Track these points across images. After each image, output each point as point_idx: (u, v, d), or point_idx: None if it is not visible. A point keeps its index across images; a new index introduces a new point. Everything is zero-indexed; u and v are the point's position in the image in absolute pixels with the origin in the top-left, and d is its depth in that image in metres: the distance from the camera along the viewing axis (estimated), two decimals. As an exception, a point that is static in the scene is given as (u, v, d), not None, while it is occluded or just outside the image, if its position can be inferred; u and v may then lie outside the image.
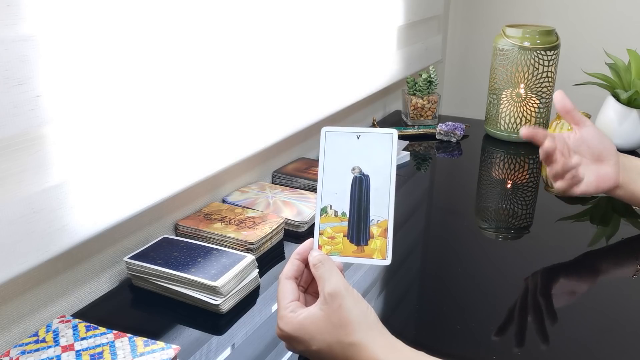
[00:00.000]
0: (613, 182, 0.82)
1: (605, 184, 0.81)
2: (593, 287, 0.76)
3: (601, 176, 0.81)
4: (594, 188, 0.81)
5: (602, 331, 0.65)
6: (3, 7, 0.53)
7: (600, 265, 0.81)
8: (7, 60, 0.54)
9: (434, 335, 0.66)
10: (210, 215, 0.87)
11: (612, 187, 0.82)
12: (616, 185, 0.82)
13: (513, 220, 0.95)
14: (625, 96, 1.17)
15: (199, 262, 0.72)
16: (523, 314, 0.69)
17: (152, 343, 0.60)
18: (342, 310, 0.53)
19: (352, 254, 0.59)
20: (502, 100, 1.27)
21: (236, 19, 0.85)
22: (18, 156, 0.59)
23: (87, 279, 0.74)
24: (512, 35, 1.23)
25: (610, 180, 0.81)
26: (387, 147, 0.59)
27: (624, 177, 0.82)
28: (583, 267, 0.80)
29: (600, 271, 0.80)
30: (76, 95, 0.62)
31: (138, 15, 0.68)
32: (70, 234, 0.64)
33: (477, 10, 1.86)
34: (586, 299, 0.72)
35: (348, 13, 1.18)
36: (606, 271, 0.81)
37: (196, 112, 0.82)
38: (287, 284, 0.58)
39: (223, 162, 0.87)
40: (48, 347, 0.59)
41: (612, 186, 0.82)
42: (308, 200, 0.94)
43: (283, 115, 1.01)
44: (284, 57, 1.00)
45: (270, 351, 0.63)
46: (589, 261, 0.82)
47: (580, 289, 0.76)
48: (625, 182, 0.82)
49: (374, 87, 1.36)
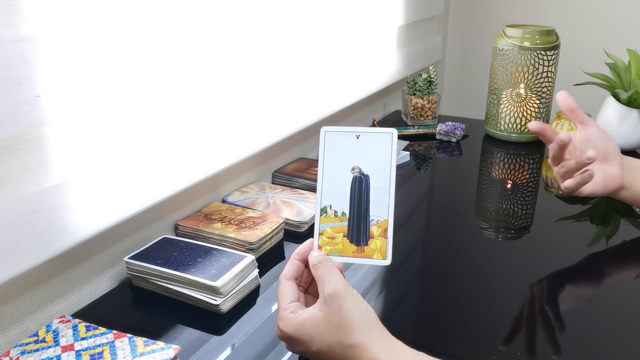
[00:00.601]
0: (619, 183, 0.81)
1: (612, 184, 0.81)
2: (594, 287, 0.76)
3: (608, 176, 0.81)
4: (602, 188, 0.81)
5: (603, 331, 0.65)
6: (3, 7, 0.53)
7: (602, 266, 0.81)
8: (7, 60, 0.54)
9: (434, 335, 0.66)
10: (210, 215, 0.87)
11: (618, 187, 0.82)
12: (622, 186, 0.82)
13: (513, 220, 0.95)
14: (625, 96, 1.17)
15: (199, 262, 0.72)
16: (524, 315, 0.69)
17: (152, 343, 0.60)
18: (342, 311, 0.53)
19: (352, 254, 0.59)
20: (502, 100, 1.27)
21: (236, 19, 0.85)
22: (18, 156, 0.59)
23: (87, 279, 0.74)
24: (512, 35, 1.23)
25: (617, 181, 0.81)
26: (387, 147, 0.59)
27: (629, 178, 0.82)
28: (584, 268, 0.80)
29: (602, 272, 0.80)
30: (76, 95, 0.62)
31: (138, 16, 0.68)
32: (70, 234, 0.64)
33: (477, 10, 1.86)
34: (587, 300, 0.72)
35: (348, 13, 1.18)
36: (607, 273, 0.81)
37: (196, 112, 0.82)
38: (287, 284, 0.58)
39: (223, 162, 0.87)
40: (48, 347, 0.59)
41: (618, 187, 0.82)
42: (308, 200, 0.94)
43: (283, 115, 1.01)
44: (284, 57, 1.00)
45: (270, 351, 0.63)
46: (590, 262, 0.82)
47: (580, 289, 0.76)
48: (631, 183, 0.82)
49: (374, 87, 1.36)
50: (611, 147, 0.83)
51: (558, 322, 0.67)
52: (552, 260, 0.81)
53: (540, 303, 0.71)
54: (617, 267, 0.82)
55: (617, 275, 0.80)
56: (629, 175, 0.82)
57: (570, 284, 0.77)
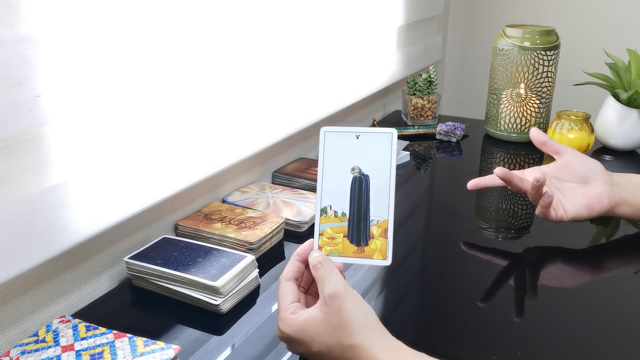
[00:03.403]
0: (608, 200, 0.80)
1: (599, 204, 0.80)
2: (593, 286, 0.76)
3: (591, 197, 0.80)
4: (586, 211, 0.80)
5: (602, 330, 0.66)
6: (3, 7, 0.53)
7: (601, 263, 0.81)
8: (7, 60, 0.54)
9: (434, 335, 0.66)
10: (210, 215, 0.87)
11: (610, 206, 0.80)
12: (613, 203, 0.80)
13: (513, 220, 0.95)
14: (625, 96, 1.17)
15: (199, 262, 0.72)
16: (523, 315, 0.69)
17: (152, 343, 0.60)
18: (342, 311, 0.53)
19: (352, 254, 0.59)
20: (502, 100, 1.27)
21: (236, 19, 0.85)
22: (18, 156, 0.59)
23: (87, 279, 0.74)
24: (512, 35, 1.23)
25: (603, 199, 0.80)
26: (387, 147, 0.59)
27: (621, 194, 0.81)
28: (583, 267, 0.80)
29: (601, 270, 0.80)
30: (76, 95, 0.62)
31: (138, 16, 0.68)
32: (70, 234, 0.64)
33: (477, 10, 1.86)
34: (586, 298, 0.72)
35: (348, 13, 1.18)
36: (607, 269, 0.81)
37: (196, 112, 0.82)
38: (287, 285, 0.58)
39: (223, 162, 0.87)
40: (48, 347, 0.59)
41: (608, 205, 0.80)
42: (308, 200, 0.94)
43: (283, 115, 1.01)
44: (284, 57, 1.00)
45: (270, 351, 0.63)
46: (589, 260, 0.82)
47: (580, 288, 0.76)
48: (625, 198, 0.81)
49: (374, 87, 1.36)
50: (590, 168, 0.82)
51: (558, 321, 0.67)
52: (552, 261, 0.81)
53: (540, 303, 0.71)
54: (617, 264, 0.82)
55: (617, 272, 0.80)
56: (620, 191, 0.81)
57: (570, 283, 0.77)
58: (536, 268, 0.79)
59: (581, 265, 0.81)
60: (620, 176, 0.83)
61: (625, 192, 0.81)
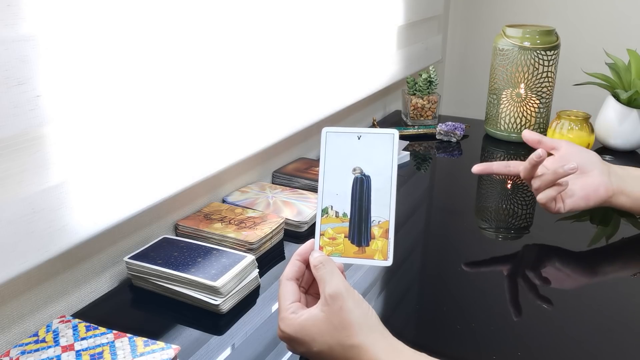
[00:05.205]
0: (604, 190, 0.80)
1: (596, 194, 0.80)
2: (593, 286, 0.76)
3: (588, 187, 0.80)
4: (583, 201, 0.80)
5: (602, 331, 0.66)
6: (3, 7, 0.53)
7: (601, 265, 0.81)
8: (7, 60, 0.54)
9: (434, 335, 0.66)
10: (210, 215, 0.86)
11: (607, 195, 0.80)
12: (610, 193, 0.80)
13: (513, 220, 0.95)
14: (625, 96, 1.17)
15: (199, 262, 0.72)
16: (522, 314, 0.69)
17: (152, 343, 0.59)
18: (343, 312, 0.53)
19: (353, 254, 0.59)
20: (502, 100, 1.27)
21: (236, 19, 0.85)
22: (18, 156, 0.58)
23: (87, 279, 0.74)
24: (512, 35, 1.23)
25: (600, 189, 0.80)
26: (388, 148, 0.59)
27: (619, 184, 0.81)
28: (583, 267, 0.80)
29: (601, 271, 0.80)
30: (76, 95, 0.62)
31: (138, 16, 0.68)
32: (70, 234, 0.64)
33: (477, 10, 1.86)
34: (586, 299, 0.72)
35: (348, 13, 1.18)
36: (607, 271, 0.81)
37: (196, 112, 0.82)
38: (287, 285, 0.58)
39: (223, 162, 0.87)
40: (48, 347, 0.59)
41: (605, 195, 0.80)
42: (308, 200, 0.93)
43: (283, 115, 1.01)
44: (284, 57, 1.00)
45: (270, 351, 0.63)
46: (590, 261, 0.82)
47: (580, 289, 0.76)
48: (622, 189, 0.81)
49: (374, 87, 1.36)
50: (586, 158, 0.82)
51: (558, 321, 0.67)
52: (552, 261, 0.81)
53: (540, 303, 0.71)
54: (618, 266, 0.82)
55: (617, 273, 0.80)
56: (618, 181, 0.81)
57: (570, 283, 0.77)
58: (536, 268, 0.79)
59: (581, 266, 0.81)
60: (621, 168, 0.84)
61: (623, 182, 0.82)
